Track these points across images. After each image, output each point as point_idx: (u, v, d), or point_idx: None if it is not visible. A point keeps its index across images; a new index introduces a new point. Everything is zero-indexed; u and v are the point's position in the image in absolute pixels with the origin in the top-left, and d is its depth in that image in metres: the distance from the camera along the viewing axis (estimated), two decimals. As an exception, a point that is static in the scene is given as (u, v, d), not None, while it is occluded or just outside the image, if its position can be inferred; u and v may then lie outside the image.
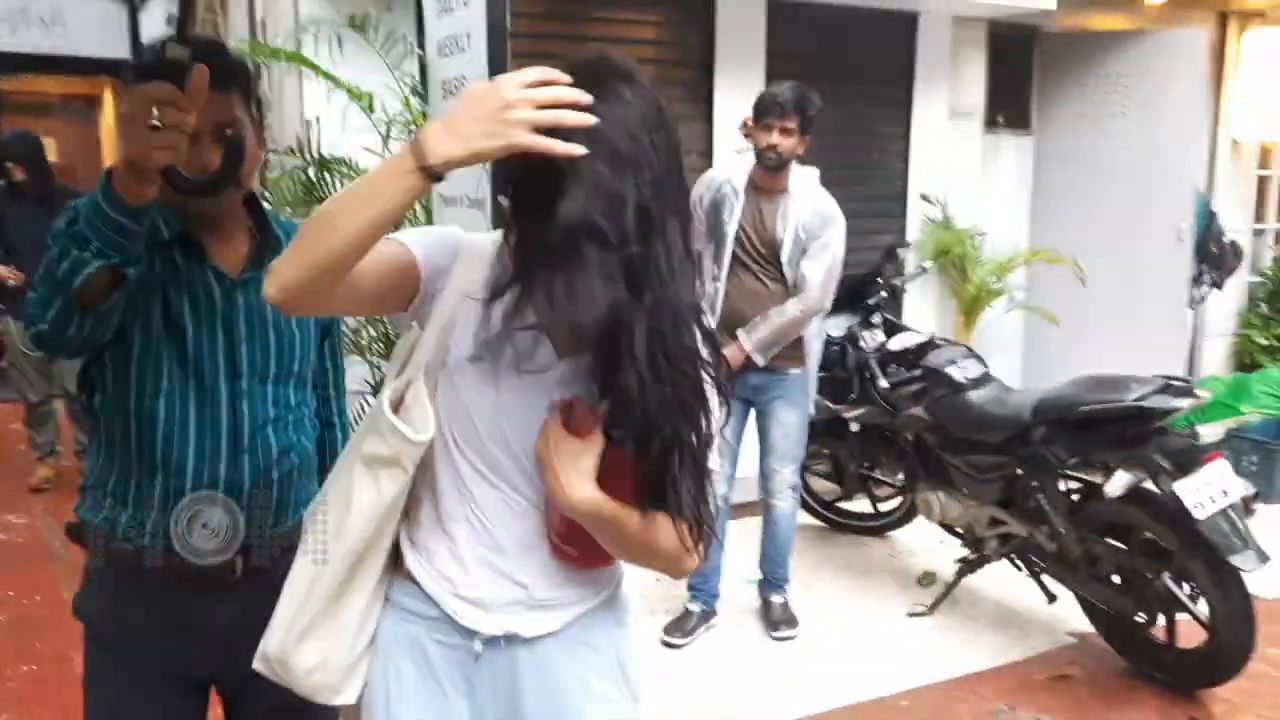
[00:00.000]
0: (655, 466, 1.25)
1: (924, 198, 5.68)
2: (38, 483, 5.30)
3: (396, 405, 1.34)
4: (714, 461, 1.32)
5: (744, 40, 5.20)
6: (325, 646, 1.39)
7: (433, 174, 1.13)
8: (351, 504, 1.35)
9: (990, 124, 6.09)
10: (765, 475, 3.65)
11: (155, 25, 7.56)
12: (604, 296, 1.11)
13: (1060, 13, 5.70)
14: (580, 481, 1.25)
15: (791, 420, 3.57)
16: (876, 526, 4.63)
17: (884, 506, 4.58)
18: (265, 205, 1.77)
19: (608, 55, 1.21)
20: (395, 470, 1.33)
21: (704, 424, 1.27)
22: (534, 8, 4.68)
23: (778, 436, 3.58)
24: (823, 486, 4.77)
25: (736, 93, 5.18)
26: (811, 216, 3.42)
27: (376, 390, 3.61)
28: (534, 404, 1.30)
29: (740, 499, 4.03)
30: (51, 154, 14.35)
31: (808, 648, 3.61)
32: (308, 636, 1.38)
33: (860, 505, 4.70)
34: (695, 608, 3.65)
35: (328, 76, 3.62)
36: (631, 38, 5.11)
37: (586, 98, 1.11)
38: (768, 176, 3.42)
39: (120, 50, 9.45)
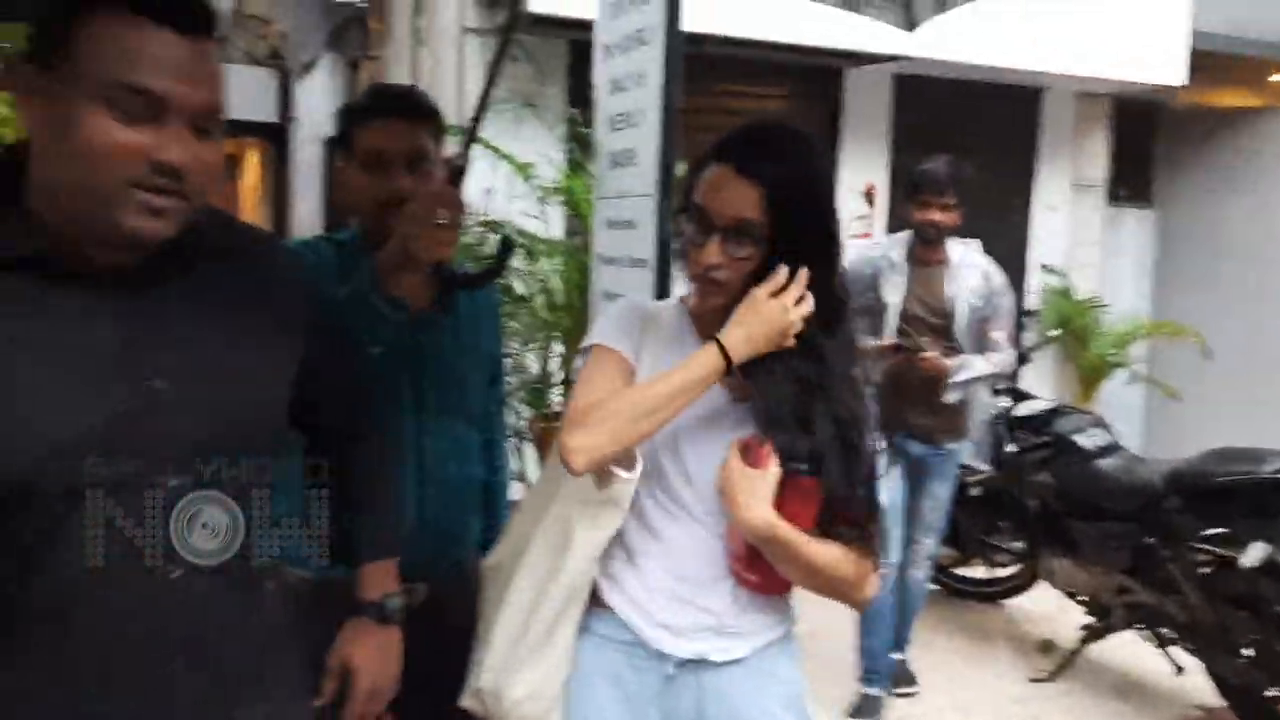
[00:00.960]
0: (830, 499, 1.40)
1: (1045, 268, 5.75)
2: None
3: None
4: (885, 498, 1.48)
5: (869, 112, 5.40)
6: (536, 677, 1.47)
7: (730, 369, 1.38)
8: (572, 543, 1.45)
9: (1113, 197, 6.15)
10: (905, 543, 3.61)
11: (312, 94, 8.06)
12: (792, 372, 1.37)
13: (1185, 89, 5.75)
14: (757, 505, 1.36)
15: (943, 494, 3.58)
16: (993, 593, 4.64)
17: (1002, 573, 4.60)
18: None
19: (788, 123, 1.46)
20: (613, 509, 1.45)
21: (872, 463, 1.44)
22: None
23: (927, 509, 3.58)
24: (940, 552, 4.82)
25: (860, 162, 5.38)
26: (983, 283, 3.46)
27: (518, 435, 3.84)
28: (711, 443, 1.45)
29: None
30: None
31: (925, 710, 3.65)
32: (521, 668, 1.47)
33: (977, 571, 4.74)
34: (874, 691, 3.55)
35: (499, 153, 3.92)
36: (760, 110, 5.35)
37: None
38: (927, 249, 3.48)
39: (269, 115, 10.12)
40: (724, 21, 4.49)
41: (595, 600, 1.51)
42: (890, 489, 3.32)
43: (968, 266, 3.49)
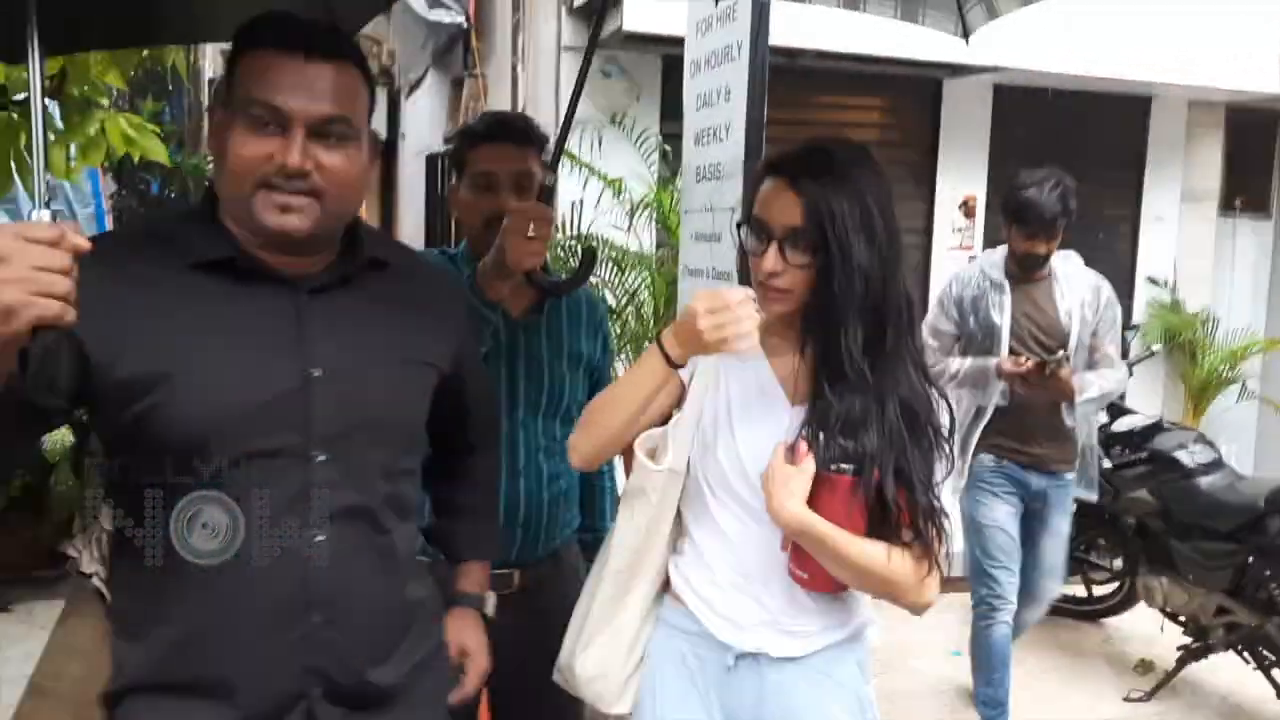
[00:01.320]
0: (882, 500, 1.44)
1: (1151, 280, 5.60)
2: None
3: (651, 453, 1.57)
4: (948, 500, 1.52)
5: (968, 123, 5.35)
6: (604, 655, 1.61)
7: (674, 365, 1.49)
8: (614, 532, 1.62)
9: (1226, 208, 5.96)
10: (1030, 586, 3.36)
11: (417, 111, 8.39)
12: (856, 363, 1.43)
13: (1305, 96, 5.56)
14: (788, 499, 1.42)
15: (1064, 529, 3.39)
16: (1091, 611, 4.55)
17: (1099, 591, 4.51)
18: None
19: (845, 140, 1.54)
20: (643, 499, 1.57)
21: (931, 466, 1.47)
22: (770, 96, 5.00)
23: (1051, 549, 3.37)
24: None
25: (958, 173, 5.35)
26: (1093, 295, 3.28)
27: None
28: (767, 443, 1.50)
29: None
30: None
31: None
32: (589, 647, 1.61)
33: (1074, 589, 4.64)
34: None
35: (589, 169, 4.04)
36: (857, 121, 5.37)
37: (752, 320, 1.40)
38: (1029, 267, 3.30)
39: (380, 130, 10.52)
40: (819, 36, 4.53)
41: (670, 593, 1.62)
42: (1003, 524, 3.24)
43: (1074, 278, 3.31)
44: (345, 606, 1.30)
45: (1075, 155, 5.57)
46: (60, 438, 3.71)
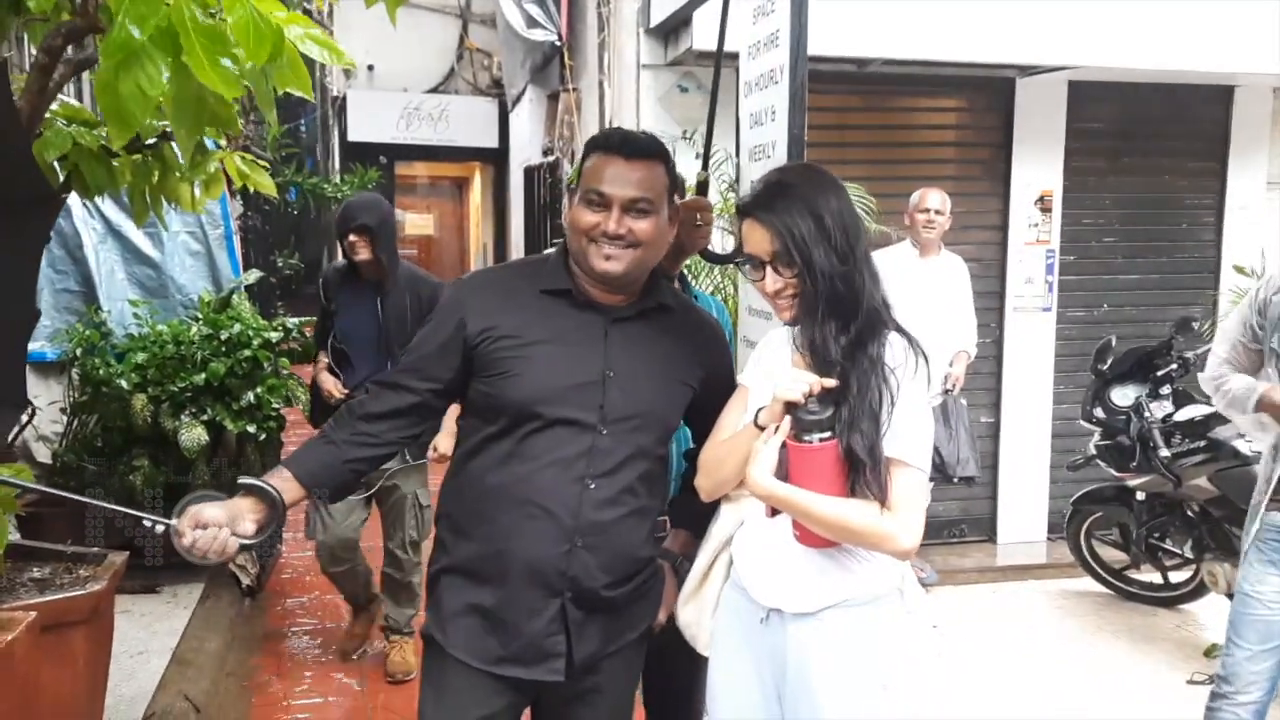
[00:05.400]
0: (852, 461, 1.67)
1: (1238, 269, 5.58)
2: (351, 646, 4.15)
3: None
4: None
5: (1043, 119, 5.43)
6: (695, 609, 2.01)
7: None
8: (715, 518, 2.01)
9: (1316, 194, 5.87)
10: None
11: (520, 123, 8.79)
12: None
13: (1399, 78, 5.45)
14: (756, 471, 1.68)
15: None
16: (1167, 598, 4.63)
17: (1174, 577, 4.58)
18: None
19: (797, 165, 1.93)
20: (732, 505, 1.96)
21: (886, 425, 1.70)
22: (842, 102, 5.20)
23: None
24: (1112, 556, 4.84)
25: (1033, 169, 5.44)
26: None
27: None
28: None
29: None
30: (429, 227, 16.43)
31: (1072, 699, 3.76)
32: (688, 603, 2.02)
33: (1151, 576, 4.72)
34: None
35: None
36: (931, 123, 5.52)
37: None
38: None
39: (490, 140, 11.04)
40: (889, 44, 4.70)
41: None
42: (1268, 599, 2.64)
43: None
44: (599, 539, 1.82)
45: (1155, 146, 5.61)
46: (196, 436, 4.18)
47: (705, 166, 2.34)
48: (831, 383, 1.68)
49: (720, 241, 4.16)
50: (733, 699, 1.90)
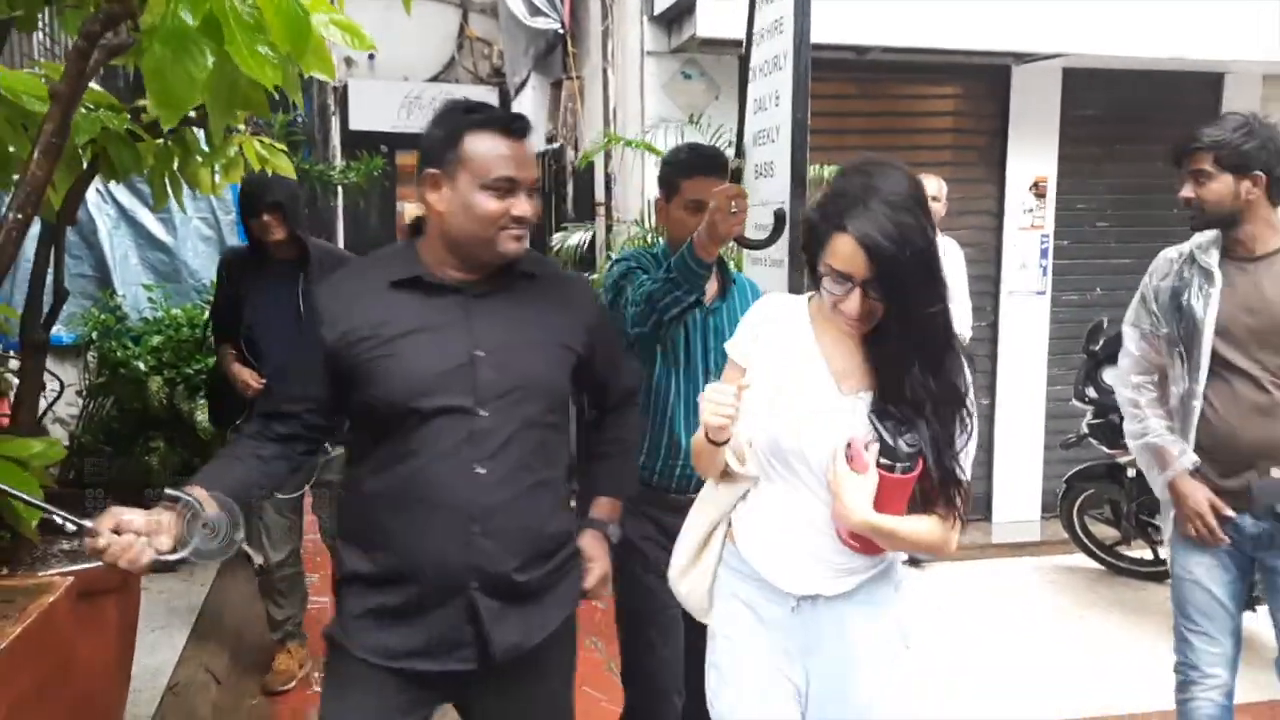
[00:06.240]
0: (923, 482, 1.72)
1: (1228, 254, 5.68)
2: (276, 681, 3.72)
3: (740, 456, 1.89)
4: (967, 468, 1.80)
5: (1038, 106, 5.53)
6: (691, 580, 2.00)
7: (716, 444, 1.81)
8: (708, 499, 2.00)
9: (1307, 179, 5.96)
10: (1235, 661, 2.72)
11: (524, 110, 8.85)
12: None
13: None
14: (859, 508, 1.68)
15: None
16: (1157, 572, 4.74)
17: (1164, 553, 4.67)
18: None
19: (873, 156, 1.78)
20: (731, 488, 1.92)
21: (962, 447, 1.76)
22: (841, 89, 5.30)
23: None
24: (1104, 532, 4.96)
25: (1028, 156, 5.54)
26: None
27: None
28: (821, 430, 1.76)
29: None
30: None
31: (1067, 672, 3.88)
32: (684, 577, 2.02)
33: (1141, 551, 4.84)
34: None
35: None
36: (928, 110, 5.61)
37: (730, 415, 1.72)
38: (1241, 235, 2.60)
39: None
40: (888, 32, 4.79)
41: (732, 538, 1.95)
42: (1223, 595, 2.63)
43: None
44: (497, 522, 1.78)
45: (1149, 133, 5.70)
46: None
47: (739, 154, 2.45)
48: (747, 384, 1.74)
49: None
50: (751, 687, 1.90)
